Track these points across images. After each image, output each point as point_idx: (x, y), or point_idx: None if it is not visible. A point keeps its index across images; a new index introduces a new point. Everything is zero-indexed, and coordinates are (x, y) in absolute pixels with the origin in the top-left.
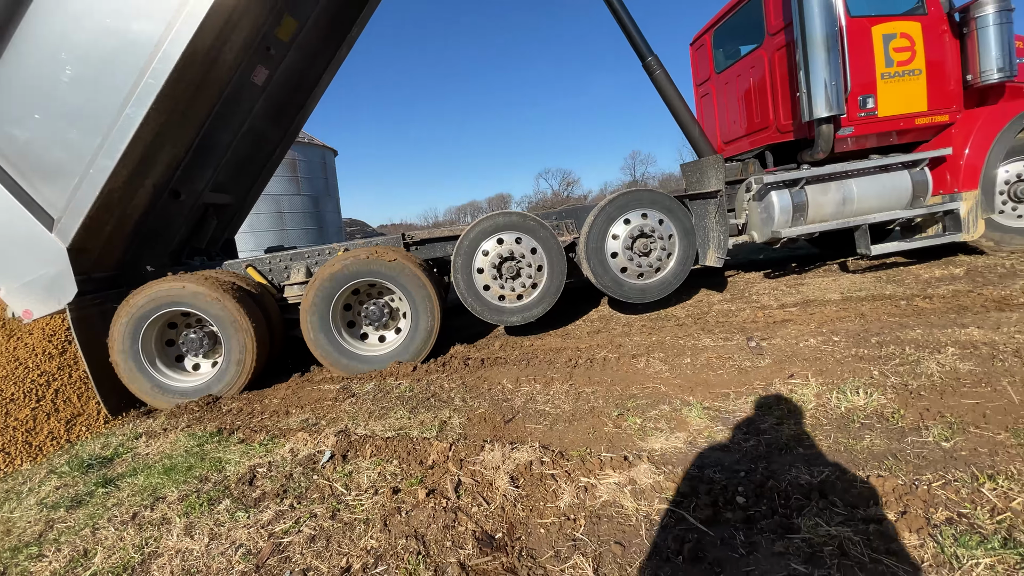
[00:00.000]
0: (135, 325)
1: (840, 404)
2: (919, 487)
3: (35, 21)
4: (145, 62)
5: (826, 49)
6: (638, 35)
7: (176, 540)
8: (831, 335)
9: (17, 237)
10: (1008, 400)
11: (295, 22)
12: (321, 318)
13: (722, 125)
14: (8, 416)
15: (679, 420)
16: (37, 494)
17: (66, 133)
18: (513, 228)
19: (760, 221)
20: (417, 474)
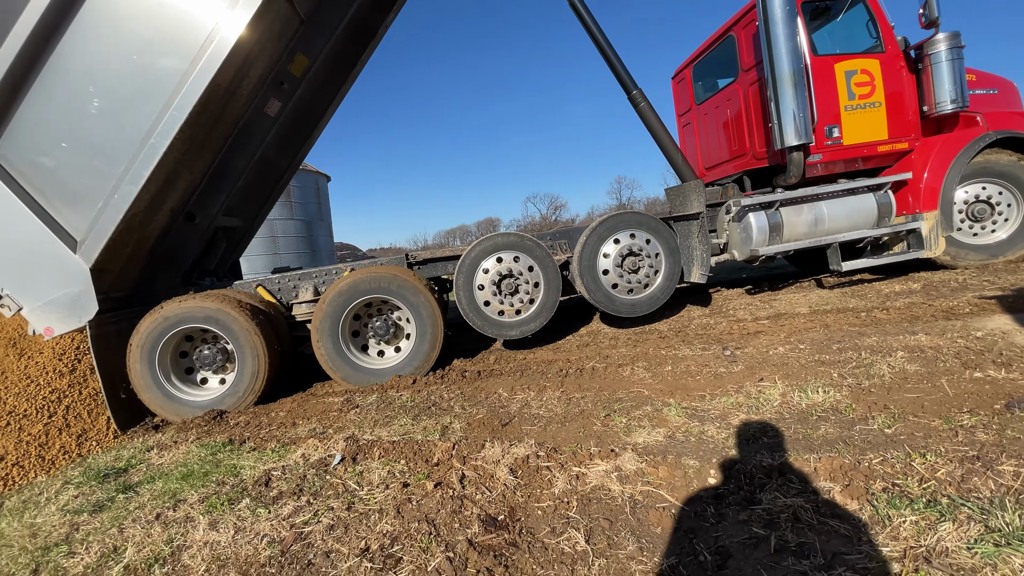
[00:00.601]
0: (153, 342)
1: (801, 401)
2: (861, 464)
3: (65, 56)
4: (170, 96)
5: (793, 84)
6: (623, 70)
7: (203, 534)
8: (798, 344)
9: (42, 258)
10: (944, 393)
11: (306, 59)
12: (331, 333)
13: (703, 152)
14: (22, 431)
15: (660, 418)
16: (56, 502)
17: (92, 161)
18: (511, 248)
19: (740, 240)
20: (424, 470)
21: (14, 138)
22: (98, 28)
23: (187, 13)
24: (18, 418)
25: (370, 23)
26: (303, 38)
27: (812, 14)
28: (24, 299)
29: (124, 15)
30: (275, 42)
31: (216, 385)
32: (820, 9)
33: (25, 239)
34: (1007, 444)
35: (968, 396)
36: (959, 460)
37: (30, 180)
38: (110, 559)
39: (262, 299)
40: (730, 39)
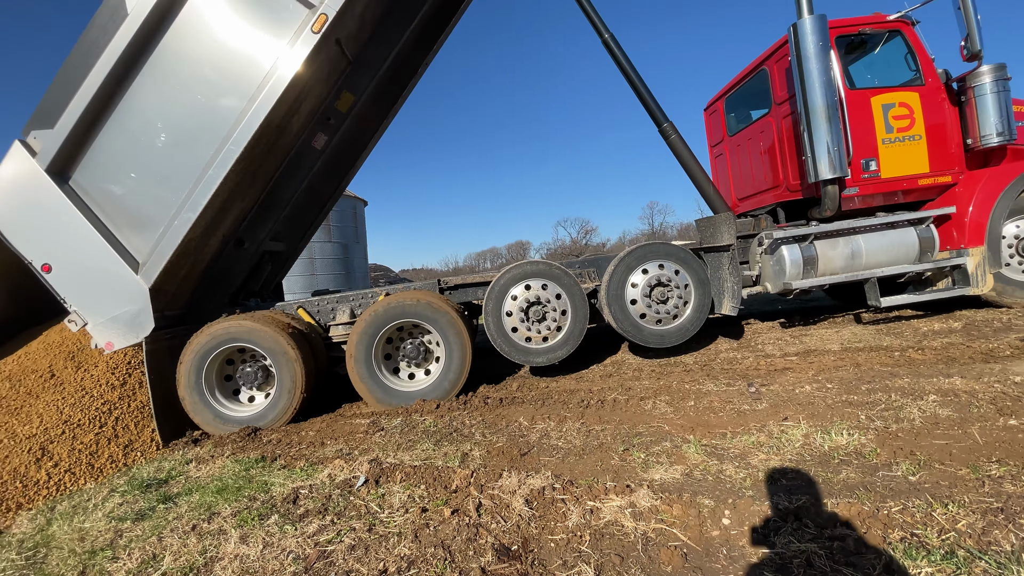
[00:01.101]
0: (201, 359)
1: (824, 443)
2: (880, 512)
3: (138, 94)
4: (228, 131)
5: (827, 118)
6: (653, 103)
7: (234, 547)
8: (825, 383)
9: (107, 277)
10: (974, 441)
11: (352, 96)
12: (365, 354)
13: (736, 183)
14: (75, 440)
15: (679, 455)
16: (103, 508)
17: (156, 190)
18: (539, 275)
19: (773, 273)
20: (442, 496)
21: (89, 167)
22: (168, 70)
23: (246, 57)
24: (72, 427)
25: (412, 61)
26: (349, 77)
27: (847, 48)
28: (89, 315)
29: (191, 59)
30: (324, 82)
31: (257, 401)
32: (856, 43)
33: (93, 260)
34: None
35: (999, 445)
36: (982, 512)
37: (100, 206)
38: (149, 566)
39: (302, 320)
40: (763, 73)
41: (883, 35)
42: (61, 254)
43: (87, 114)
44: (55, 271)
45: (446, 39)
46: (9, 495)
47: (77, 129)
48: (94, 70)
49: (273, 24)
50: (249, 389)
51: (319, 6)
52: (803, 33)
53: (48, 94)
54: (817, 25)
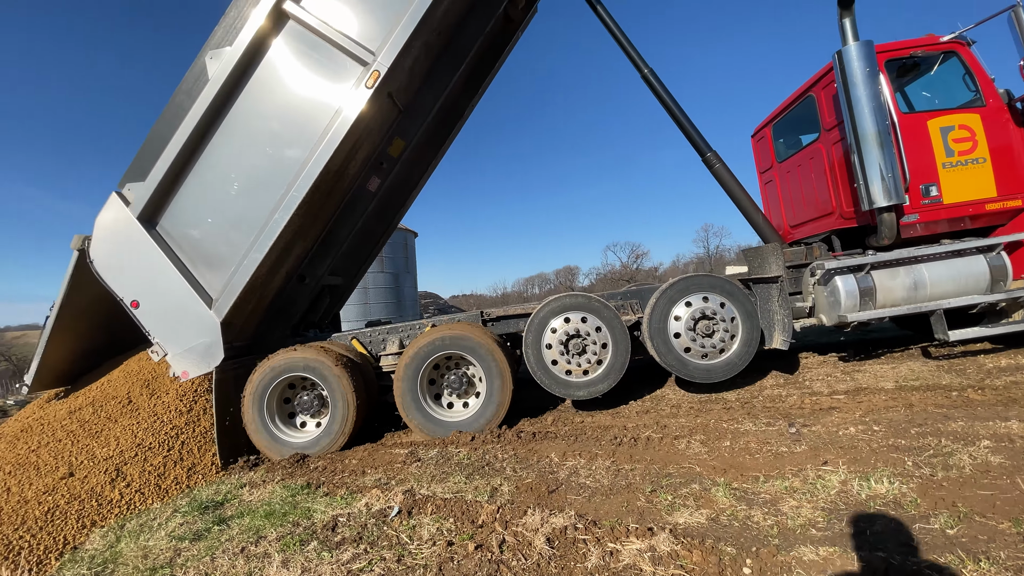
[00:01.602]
0: (263, 388)
1: (862, 492)
2: (908, 567)
3: (215, 149)
4: (292, 178)
5: (879, 144)
6: (696, 133)
7: (276, 570)
8: (873, 424)
9: (185, 312)
10: (1020, 492)
11: (403, 142)
12: (410, 385)
13: (787, 210)
14: (146, 462)
15: (707, 499)
16: (166, 528)
17: (229, 233)
18: (579, 308)
19: (827, 305)
20: (468, 531)
21: (173, 214)
22: (240, 126)
23: (307, 112)
24: (144, 450)
25: (458, 105)
26: (401, 124)
27: (899, 71)
28: (169, 346)
29: (260, 116)
30: (377, 130)
31: (312, 428)
32: (908, 66)
33: (174, 297)
34: None
35: None
36: (1016, 569)
37: (181, 248)
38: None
39: (355, 350)
40: (810, 99)
41: (937, 57)
42: (147, 291)
43: (173, 168)
44: (142, 307)
45: (490, 83)
46: (86, 513)
47: (164, 181)
48: (180, 129)
49: (331, 82)
50: (306, 416)
51: (372, 64)
52: (848, 60)
53: (141, 151)
54: (863, 51)
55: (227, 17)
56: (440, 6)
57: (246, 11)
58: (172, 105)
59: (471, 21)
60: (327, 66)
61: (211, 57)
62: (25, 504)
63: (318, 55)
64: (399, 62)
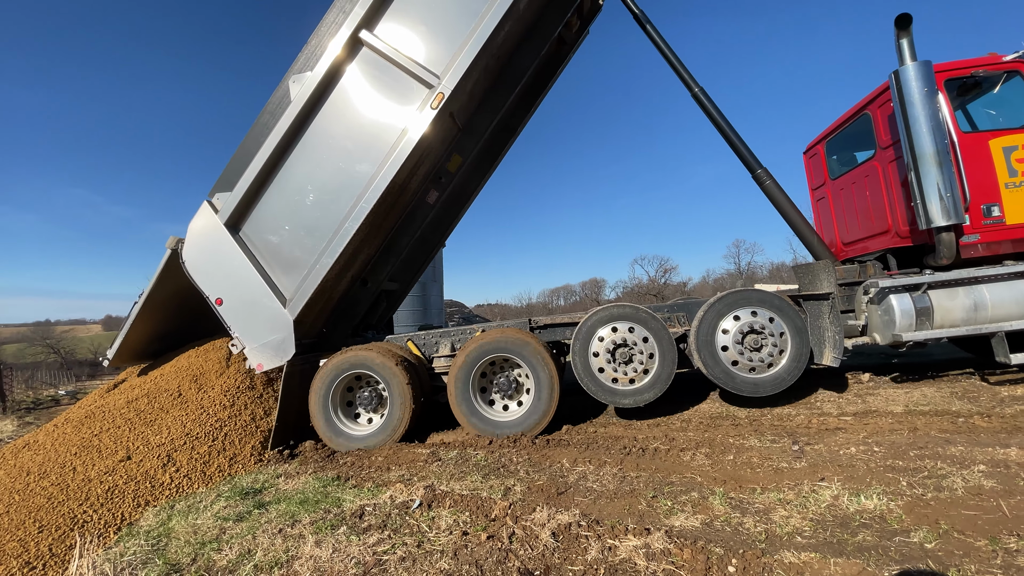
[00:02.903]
0: (330, 380)
1: (850, 506)
2: (880, 572)
3: (294, 162)
4: (362, 191)
5: (937, 163)
6: (746, 150)
7: (310, 549)
8: (874, 446)
9: (263, 310)
10: (1003, 514)
11: (460, 158)
12: (463, 385)
13: (840, 227)
14: (193, 450)
15: (703, 506)
16: (211, 509)
17: (304, 239)
18: (626, 319)
19: (881, 324)
20: (482, 523)
21: (255, 221)
22: (317, 143)
23: (377, 131)
24: (192, 439)
25: (512, 123)
26: (459, 142)
27: (960, 90)
28: (247, 340)
29: (334, 133)
30: (438, 147)
31: (373, 423)
32: (969, 85)
33: (253, 296)
34: None
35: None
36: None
37: (261, 252)
38: (245, 558)
39: (410, 352)
40: (865, 117)
41: (1000, 76)
42: (230, 291)
43: (257, 180)
44: (225, 304)
45: (541, 102)
46: (141, 493)
47: (249, 192)
48: (264, 145)
49: (399, 103)
50: (365, 411)
51: (437, 86)
52: (906, 80)
53: (230, 164)
54: (921, 71)
55: (309, 45)
56: (500, 32)
57: (325, 40)
58: (258, 124)
59: (528, 45)
60: (396, 89)
61: (294, 81)
62: (88, 483)
63: (388, 79)
64: (462, 84)
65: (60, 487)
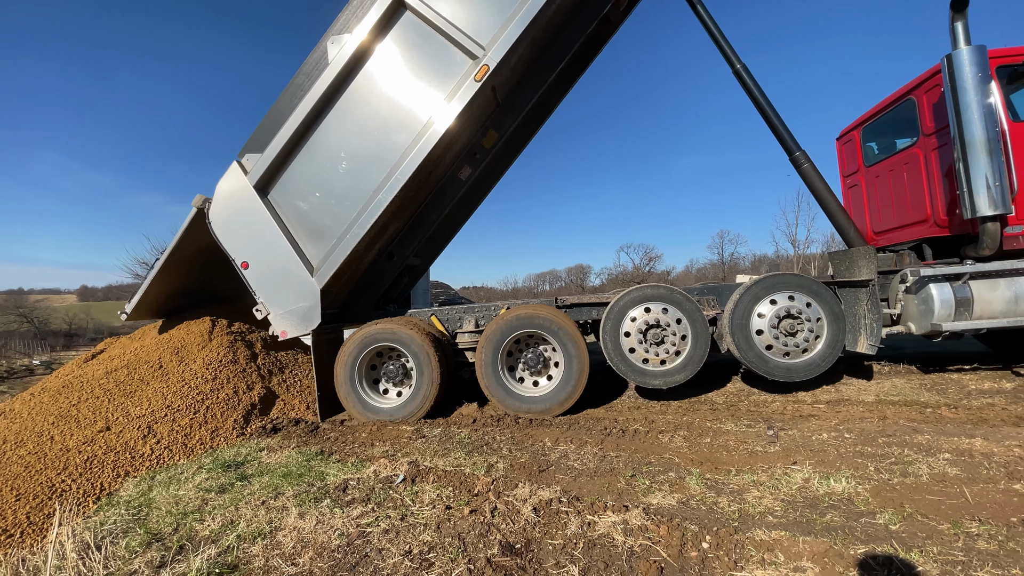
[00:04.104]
0: (358, 351)
1: (820, 488)
2: (847, 553)
3: (328, 129)
4: (397, 162)
5: (987, 152)
6: (785, 131)
7: (293, 520)
8: (845, 432)
9: (289, 277)
10: (966, 499)
11: (496, 134)
12: (492, 359)
13: (872, 216)
14: (174, 422)
15: (680, 485)
16: (193, 481)
17: (334, 208)
18: (660, 299)
19: (918, 313)
20: (465, 498)
21: (284, 186)
22: (353, 109)
23: (416, 101)
24: (173, 411)
25: (549, 102)
26: (497, 118)
27: (1010, 77)
28: (272, 307)
29: (372, 101)
30: (476, 121)
31: (394, 396)
32: (1020, 72)
33: (280, 262)
34: (1000, 556)
35: (990, 506)
36: (942, 562)
37: (288, 218)
38: (228, 528)
39: (435, 327)
40: (909, 102)
41: None
42: (257, 255)
43: (289, 143)
44: (251, 268)
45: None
46: (121, 464)
47: (280, 154)
48: (298, 107)
49: (441, 73)
50: (389, 384)
51: (482, 58)
52: (959, 64)
53: (261, 125)
54: (976, 56)
55: (350, 5)
56: (552, 5)
57: (367, 1)
58: (292, 85)
59: (575, 22)
60: (437, 58)
61: (332, 42)
62: (67, 452)
63: (430, 47)
64: (507, 58)
65: (37, 456)
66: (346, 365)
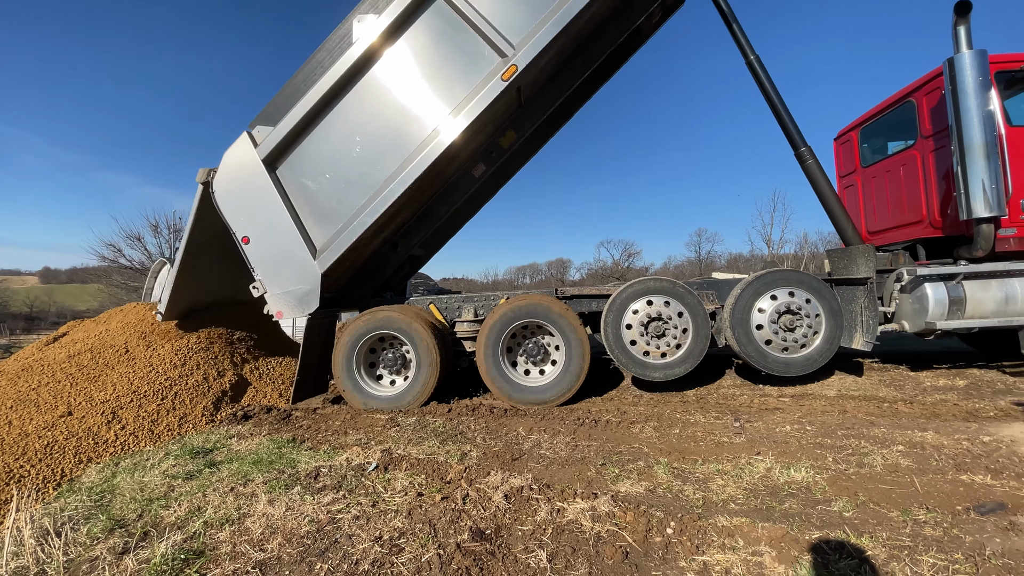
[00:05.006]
0: (357, 338)
1: (781, 477)
2: (803, 538)
3: (345, 110)
4: (412, 153)
5: (985, 155)
6: (793, 126)
7: (263, 507)
8: (807, 425)
9: (291, 258)
10: (915, 489)
11: (515, 135)
12: (492, 349)
13: (867, 216)
14: (140, 408)
15: (648, 474)
16: (159, 467)
17: (343, 192)
18: (663, 292)
19: (912, 312)
20: (437, 485)
21: (293, 163)
22: (373, 93)
23: (438, 92)
24: (139, 397)
25: (569, 107)
26: (517, 118)
27: (1007, 83)
28: (269, 286)
29: (393, 87)
30: (496, 120)
31: (388, 384)
32: (1016, 79)
33: (283, 241)
34: (944, 541)
35: (937, 495)
36: (891, 547)
37: (295, 196)
38: (194, 514)
39: (433, 316)
40: (909, 105)
41: None
42: (259, 230)
43: (304, 120)
44: (252, 244)
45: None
46: (83, 449)
47: (293, 130)
48: (317, 84)
49: (467, 68)
50: (387, 372)
51: (512, 57)
52: (961, 68)
53: (276, 98)
54: (977, 60)
55: None
56: (589, 11)
57: None
58: (312, 60)
59: (609, 29)
60: (465, 51)
61: (359, 20)
62: (26, 437)
63: (459, 39)
64: (536, 60)
65: None
66: (344, 352)
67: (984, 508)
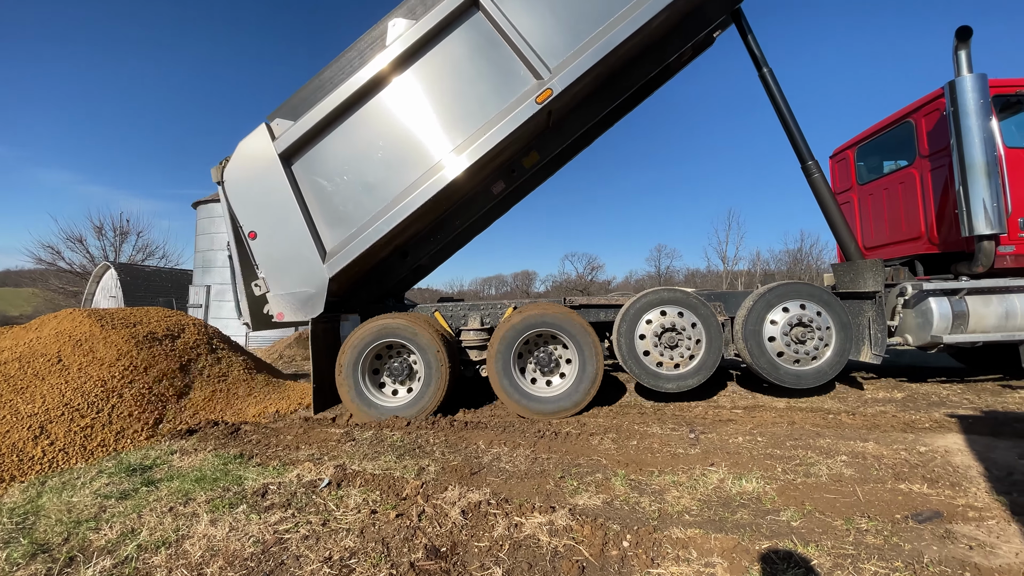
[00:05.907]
0: (363, 346)
1: (733, 488)
2: (753, 548)
3: (370, 112)
4: (436, 164)
5: (986, 174)
6: (802, 140)
7: (204, 528)
8: (758, 436)
9: (298, 259)
10: (858, 498)
11: (538, 156)
12: (505, 358)
13: (864, 232)
14: (72, 422)
15: (606, 486)
16: (90, 487)
17: (361, 196)
18: (676, 303)
19: (916, 326)
20: (392, 502)
21: (311, 160)
22: (400, 100)
23: (470, 107)
24: (71, 410)
25: (593, 134)
26: (542, 139)
27: (1003, 106)
28: (273, 285)
29: (424, 96)
30: (523, 141)
31: (390, 394)
32: (1011, 102)
33: (291, 240)
34: (885, 549)
35: (878, 504)
36: (835, 555)
37: (309, 196)
38: (127, 537)
39: (439, 324)
40: (907, 125)
41: None
42: (268, 227)
43: (327, 118)
44: (259, 239)
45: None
46: (5, 467)
47: (315, 128)
48: (344, 84)
49: (501, 86)
50: (393, 382)
51: (547, 81)
52: (962, 90)
53: (299, 92)
54: (978, 84)
55: None
56: (629, 43)
57: None
58: (342, 59)
59: (641, 63)
60: (501, 68)
61: (393, 24)
62: None
63: (495, 55)
64: (572, 87)
65: None
66: (349, 361)
67: (922, 516)
